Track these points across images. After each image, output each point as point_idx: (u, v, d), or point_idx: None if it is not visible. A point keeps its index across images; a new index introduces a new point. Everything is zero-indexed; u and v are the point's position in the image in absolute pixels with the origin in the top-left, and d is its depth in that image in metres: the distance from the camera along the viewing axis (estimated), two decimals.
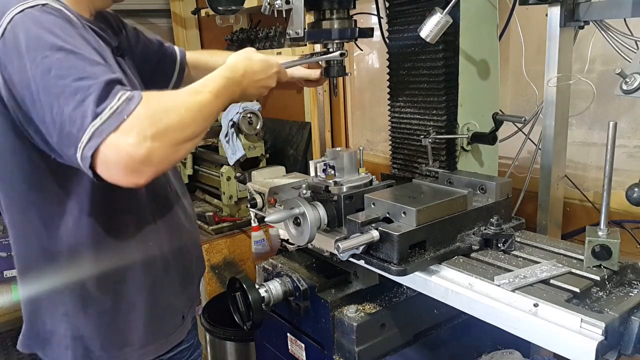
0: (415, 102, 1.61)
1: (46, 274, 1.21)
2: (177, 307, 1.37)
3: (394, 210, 1.23)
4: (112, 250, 1.22)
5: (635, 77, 1.16)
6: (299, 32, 1.35)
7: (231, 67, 1.20)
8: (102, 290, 1.22)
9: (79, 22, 1.06)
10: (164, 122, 0.97)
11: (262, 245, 2.29)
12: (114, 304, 1.24)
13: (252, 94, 1.31)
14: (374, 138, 2.93)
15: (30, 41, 0.98)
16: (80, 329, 1.22)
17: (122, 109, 0.94)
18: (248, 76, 1.23)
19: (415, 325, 1.42)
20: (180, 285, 1.37)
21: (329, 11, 1.45)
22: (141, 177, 0.97)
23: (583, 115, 1.80)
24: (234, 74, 1.19)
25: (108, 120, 0.93)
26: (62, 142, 0.98)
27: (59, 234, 1.16)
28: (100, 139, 0.93)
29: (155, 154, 0.96)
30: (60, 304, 1.21)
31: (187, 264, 1.41)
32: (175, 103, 1.02)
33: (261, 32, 3.21)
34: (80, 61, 0.98)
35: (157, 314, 1.31)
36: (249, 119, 2.77)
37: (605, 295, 1.04)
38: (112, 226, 1.20)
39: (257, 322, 1.39)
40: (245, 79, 1.22)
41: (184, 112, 1.01)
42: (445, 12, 1.34)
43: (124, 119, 0.93)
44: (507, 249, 1.24)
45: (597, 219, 1.17)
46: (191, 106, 1.04)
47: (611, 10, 1.33)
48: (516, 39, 1.79)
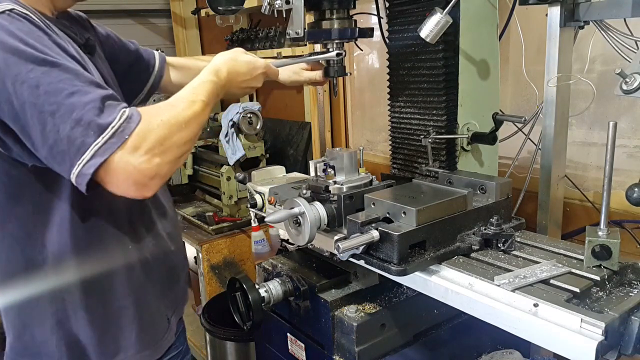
0: (415, 102, 1.61)
1: (33, 284, 1.18)
2: (162, 311, 1.37)
3: (394, 210, 1.23)
4: (95, 256, 1.21)
5: (635, 77, 1.15)
6: (299, 32, 1.36)
7: (216, 71, 1.21)
8: (91, 296, 1.21)
9: (45, 26, 1.04)
10: (167, 138, 1.01)
11: (262, 245, 2.29)
12: (104, 310, 1.23)
13: (236, 94, 1.34)
14: (374, 138, 2.93)
15: (7, 55, 0.95)
16: (74, 338, 1.21)
17: (123, 127, 0.97)
18: (232, 77, 1.25)
19: (415, 325, 1.42)
20: (163, 287, 1.36)
21: (329, 11, 1.45)
22: (150, 190, 1.01)
23: (583, 115, 1.80)
24: (219, 78, 1.21)
25: (111, 140, 0.95)
26: (53, 159, 0.98)
27: (43, 243, 1.15)
28: (103, 158, 0.95)
29: (162, 169, 1.00)
30: (50, 314, 1.19)
31: (170, 264, 1.39)
32: (174, 117, 1.04)
33: (261, 32, 3.21)
34: (66, 74, 0.97)
35: (146, 318, 1.30)
36: (249, 119, 2.77)
37: (605, 295, 1.04)
38: (93, 232, 1.19)
39: (257, 322, 1.39)
40: (229, 81, 1.24)
41: (184, 125, 1.05)
42: (445, 12, 1.34)
43: (127, 138, 0.96)
44: (507, 249, 1.24)
45: (597, 219, 1.17)
46: (189, 118, 1.07)
47: (611, 10, 1.33)
48: (516, 39, 1.79)
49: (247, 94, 1.39)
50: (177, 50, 4.27)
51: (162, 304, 1.36)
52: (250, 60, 1.31)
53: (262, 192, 1.64)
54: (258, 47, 3.26)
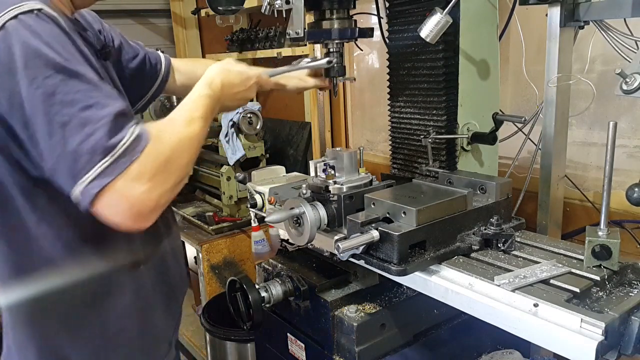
0: (415, 102, 1.61)
1: (28, 303, 1.12)
2: (166, 333, 1.32)
3: (394, 210, 1.23)
4: (94, 272, 1.14)
5: (635, 77, 1.15)
6: (299, 32, 1.35)
7: (210, 84, 1.18)
8: (89, 315, 1.15)
9: (72, 31, 1.01)
10: (171, 161, 0.98)
11: (262, 245, 2.29)
12: (102, 330, 1.16)
13: (231, 106, 1.31)
14: (374, 138, 2.93)
15: (29, 57, 0.90)
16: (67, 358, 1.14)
17: (133, 147, 0.93)
18: (226, 90, 1.22)
19: (415, 325, 1.42)
20: (166, 307, 1.30)
21: (329, 11, 1.45)
22: (148, 222, 0.97)
23: (583, 115, 1.80)
24: (214, 91, 1.18)
25: (118, 161, 0.91)
26: (58, 172, 0.94)
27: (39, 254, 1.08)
28: (108, 180, 0.91)
29: (163, 198, 0.97)
30: (49, 336, 1.13)
31: (172, 281, 1.33)
32: (178, 140, 1.01)
33: (261, 32, 3.21)
34: (85, 84, 0.93)
35: (147, 340, 1.25)
36: (249, 119, 2.77)
37: (605, 295, 1.04)
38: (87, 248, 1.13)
39: (257, 322, 1.39)
40: (223, 93, 1.21)
41: (187, 147, 1.02)
42: (445, 12, 1.34)
43: (133, 160, 0.92)
44: (507, 249, 1.24)
45: (597, 219, 1.17)
46: (191, 140, 1.04)
47: (611, 10, 1.33)
48: (516, 39, 1.79)
49: (241, 106, 1.36)
50: (177, 50, 4.26)
51: (164, 325, 1.31)
52: (242, 71, 1.28)
53: (262, 192, 1.64)
54: (258, 47, 3.26)
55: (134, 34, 4.17)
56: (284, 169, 1.85)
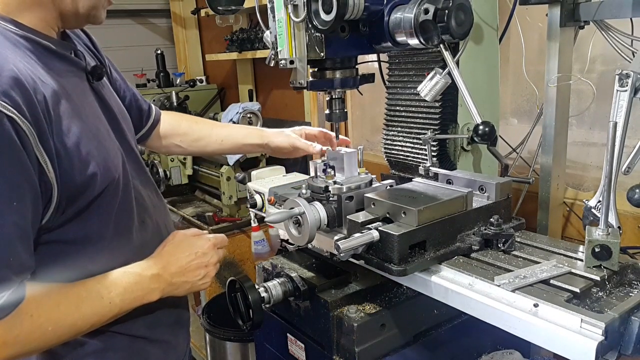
0: (415, 101, 1.61)
1: None
2: (180, 347, 1.35)
3: (394, 210, 1.23)
4: None
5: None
6: (302, 83, 1.34)
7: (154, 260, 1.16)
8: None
9: (25, 137, 0.91)
10: (38, 338, 0.95)
11: (262, 245, 2.29)
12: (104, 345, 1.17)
13: (190, 288, 1.23)
14: (374, 138, 2.93)
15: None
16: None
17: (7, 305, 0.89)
18: (174, 270, 1.17)
19: (415, 326, 1.42)
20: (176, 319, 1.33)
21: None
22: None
23: (583, 115, 1.80)
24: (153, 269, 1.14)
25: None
26: None
27: None
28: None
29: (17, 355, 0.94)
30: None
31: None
32: (60, 316, 0.97)
33: (261, 32, 3.21)
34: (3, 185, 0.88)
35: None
36: (248, 119, 2.77)
37: (605, 295, 1.03)
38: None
39: (257, 323, 1.39)
40: (170, 274, 1.17)
41: (67, 329, 0.99)
42: (444, 73, 1.32)
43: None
44: (507, 249, 1.24)
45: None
46: (82, 320, 1.01)
47: (611, 10, 1.33)
48: (516, 39, 1.79)
49: (207, 283, 1.27)
50: (176, 50, 4.27)
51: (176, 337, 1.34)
52: (188, 242, 1.22)
53: (262, 192, 1.64)
54: (258, 47, 3.26)
55: (134, 34, 4.18)
56: (284, 169, 1.85)
